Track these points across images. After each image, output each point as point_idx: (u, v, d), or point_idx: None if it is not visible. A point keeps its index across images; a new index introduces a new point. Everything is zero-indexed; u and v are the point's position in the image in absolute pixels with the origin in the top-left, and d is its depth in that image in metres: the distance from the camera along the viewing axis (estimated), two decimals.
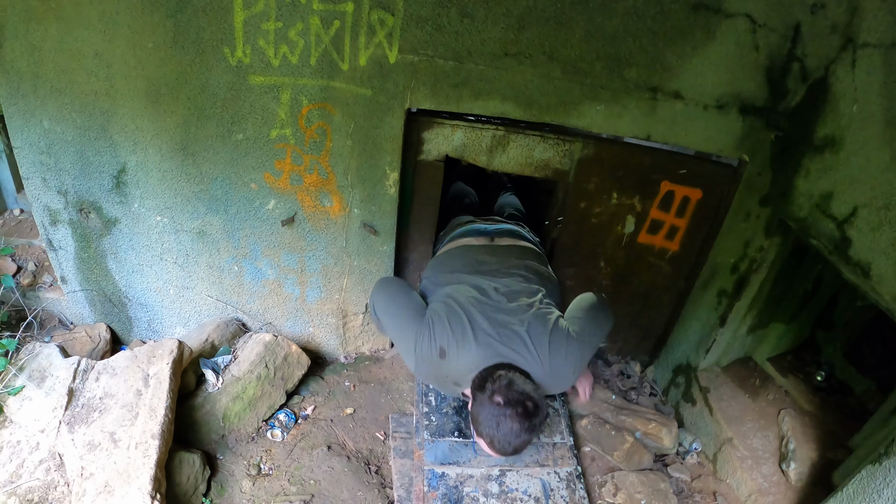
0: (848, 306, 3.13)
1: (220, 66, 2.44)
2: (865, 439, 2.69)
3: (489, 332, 2.23)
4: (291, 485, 2.59)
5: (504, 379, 2.08)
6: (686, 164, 2.99)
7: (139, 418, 2.47)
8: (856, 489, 2.27)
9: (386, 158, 2.73)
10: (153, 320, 3.23)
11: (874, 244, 2.31)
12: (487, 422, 2.06)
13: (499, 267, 2.57)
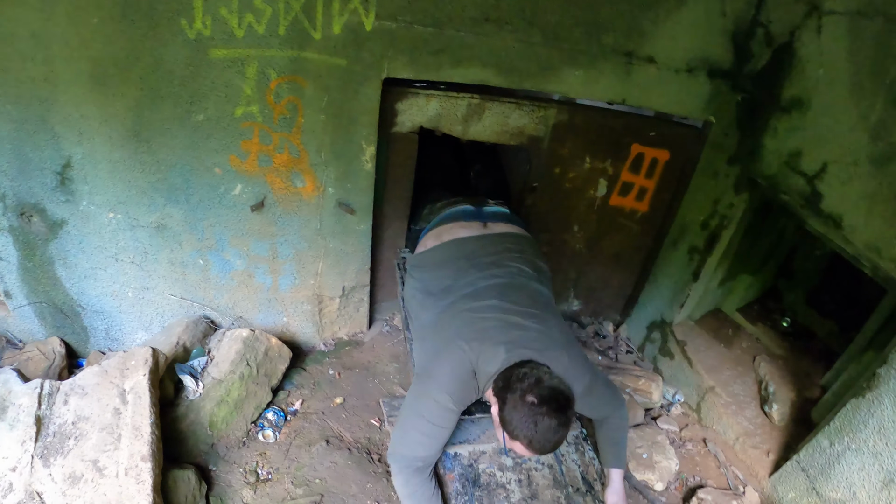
0: (807, 256, 3.32)
1: (176, 40, 2.20)
2: (837, 378, 2.85)
3: (507, 335, 2.11)
4: (296, 487, 2.46)
5: (531, 376, 1.97)
6: (655, 127, 3.05)
7: (123, 440, 2.24)
8: (842, 422, 2.42)
9: (362, 132, 2.59)
10: (111, 328, 2.93)
11: (845, 197, 2.45)
12: (523, 423, 1.92)
13: (497, 259, 2.45)
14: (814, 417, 2.79)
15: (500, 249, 2.51)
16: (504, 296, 2.26)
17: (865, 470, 2.32)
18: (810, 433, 2.61)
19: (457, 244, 2.57)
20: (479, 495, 2.34)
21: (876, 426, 2.31)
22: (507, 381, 1.99)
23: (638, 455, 2.76)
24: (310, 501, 2.42)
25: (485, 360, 2.06)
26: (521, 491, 2.42)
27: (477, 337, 2.10)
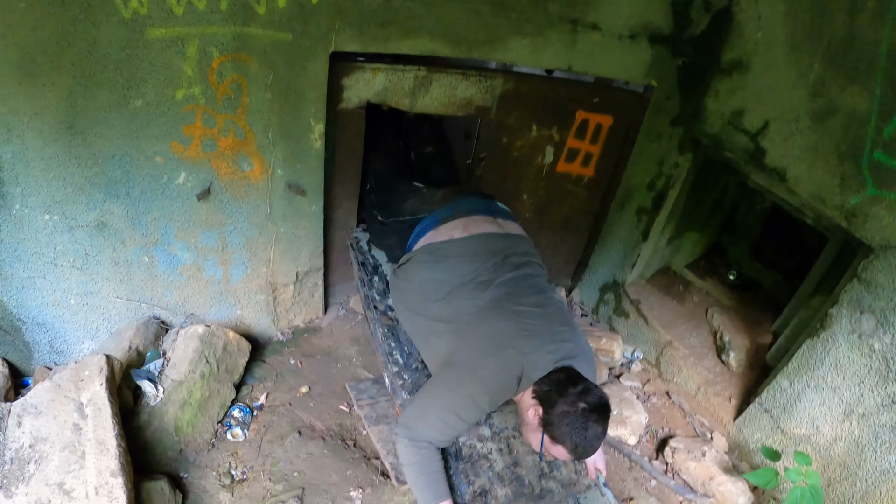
0: (748, 211, 3.48)
1: (110, 22, 2.04)
2: (787, 323, 3.01)
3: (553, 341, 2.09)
4: (275, 483, 2.38)
5: (581, 384, 1.97)
6: (598, 93, 3.10)
7: (88, 457, 2.10)
8: (800, 362, 2.55)
9: (310, 109, 2.50)
10: (55, 340, 2.71)
11: (788, 152, 2.57)
12: (574, 429, 1.93)
13: (522, 260, 2.39)
14: (769, 362, 2.95)
15: (521, 252, 2.45)
16: (539, 301, 2.23)
17: (826, 404, 2.47)
18: (769, 376, 2.76)
19: (486, 239, 2.45)
20: (464, 468, 2.34)
21: (832, 363, 2.46)
22: (557, 386, 1.98)
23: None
24: (292, 496, 2.35)
25: (533, 367, 2.04)
26: (503, 459, 2.43)
27: (530, 342, 2.08)
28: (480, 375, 2.08)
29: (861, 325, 2.36)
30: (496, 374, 2.06)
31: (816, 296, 2.82)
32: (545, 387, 2.00)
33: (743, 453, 2.83)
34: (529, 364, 2.04)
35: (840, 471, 2.46)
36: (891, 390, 2.27)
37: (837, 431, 2.46)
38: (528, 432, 2.09)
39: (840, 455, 2.46)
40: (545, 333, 2.12)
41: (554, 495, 2.34)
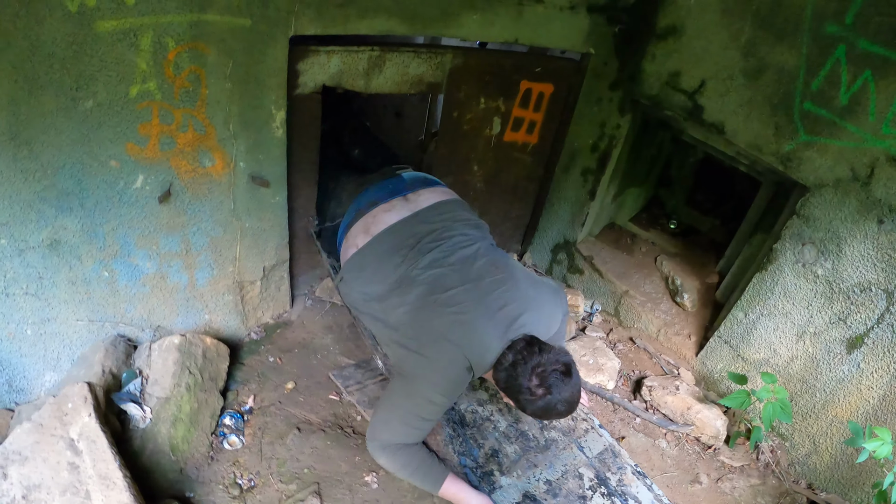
0: (681, 164, 3.69)
1: (55, 16, 1.81)
2: (730, 262, 3.23)
3: (491, 319, 2.06)
4: (287, 484, 2.27)
5: (531, 360, 1.96)
6: (539, 63, 3.16)
7: (94, 496, 1.93)
8: (752, 294, 2.77)
9: (271, 97, 2.36)
10: (14, 378, 2.41)
11: (725, 107, 2.75)
12: (544, 410, 1.97)
13: (438, 235, 2.30)
14: (719, 299, 3.18)
15: (437, 223, 2.36)
16: (466, 274, 2.17)
17: (780, 329, 2.71)
18: (723, 310, 2.98)
19: (390, 233, 2.35)
20: (472, 433, 2.39)
21: (781, 291, 2.69)
22: (511, 375, 1.99)
23: (585, 362, 2.95)
24: (309, 493, 2.25)
25: (478, 355, 2.03)
26: (504, 419, 2.51)
27: (464, 333, 2.05)
28: (430, 378, 2.06)
29: (804, 255, 2.60)
30: (441, 373, 2.06)
31: (756, 234, 3.04)
32: (502, 374, 2.03)
33: (709, 384, 3.05)
34: (473, 353, 2.04)
35: (800, 385, 2.71)
36: (836, 309, 2.53)
37: (793, 351, 2.71)
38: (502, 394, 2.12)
39: (798, 372, 2.71)
40: (479, 313, 2.08)
41: (557, 443, 2.46)
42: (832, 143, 2.45)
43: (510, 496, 2.24)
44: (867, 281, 2.44)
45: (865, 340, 2.46)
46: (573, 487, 2.31)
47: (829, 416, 2.62)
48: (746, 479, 2.65)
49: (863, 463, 2.42)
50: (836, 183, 2.46)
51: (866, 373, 2.48)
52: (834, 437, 2.62)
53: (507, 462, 2.35)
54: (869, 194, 2.39)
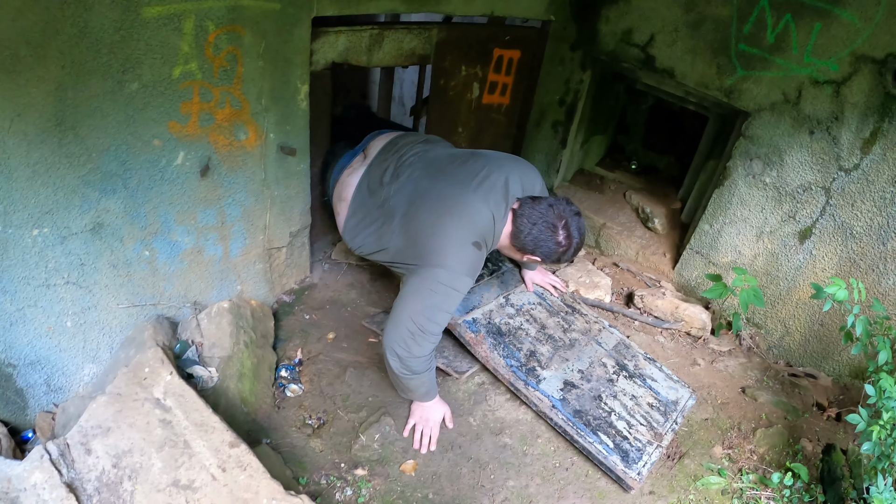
0: (635, 111, 4.07)
1: (103, 3, 1.84)
2: (690, 188, 3.62)
3: (479, 193, 2.23)
4: (357, 413, 2.45)
5: (550, 215, 2.17)
6: (509, 32, 3.41)
7: (194, 444, 1.99)
8: (714, 207, 3.15)
9: (297, 72, 2.47)
10: (52, 376, 2.38)
11: (673, 55, 3.11)
12: (572, 252, 2.21)
13: (398, 163, 2.50)
14: (684, 220, 3.58)
15: (389, 159, 2.55)
16: (433, 174, 2.36)
17: (741, 233, 3.10)
18: (690, 226, 3.36)
19: (358, 192, 2.55)
20: (510, 340, 2.69)
21: (738, 201, 3.07)
22: (536, 240, 2.19)
23: (582, 282, 3.28)
24: (380, 415, 2.44)
25: (478, 228, 2.19)
26: (532, 327, 2.81)
27: (454, 216, 2.18)
28: (447, 267, 2.14)
29: (752, 168, 2.99)
30: (457, 257, 2.16)
31: (709, 161, 3.44)
32: (528, 239, 2.21)
33: (688, 291, 3.42)
34: (474, 228, 2.19)
35: (765, 278, 3.11)
36: (785, 209, 2.94)
37: (755, 250, 3.11)
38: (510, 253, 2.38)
39: (762, 266, 3.11)
40: (458, 193, 2.22)
41: (580, 342, 2.80)
42: (765, 74, 2.85)
43: (554, 384, 2.55)
44: (807, 182, 2.86)
45: (814, 231, 2.89)
46: (601, 374, 2.66)
47: (794, 300, 3.04)
48: (735, 359, 3.06)
49: (829, 337, 2.90)
50: (772, 106, 2.86)
51: (818, 258, 2.91)
52: (801, 319, 3.05)
53: (544, 360, 2.66)
54: (799, 112, 2.80)
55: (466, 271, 2.18)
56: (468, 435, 2.47)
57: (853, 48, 2.60)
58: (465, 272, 2.17)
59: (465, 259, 2.17)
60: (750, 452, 2.57)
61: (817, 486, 2.42)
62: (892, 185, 2.63)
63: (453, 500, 2.24)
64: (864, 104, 2.63)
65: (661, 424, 2.52)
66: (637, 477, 2.30)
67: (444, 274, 2.15)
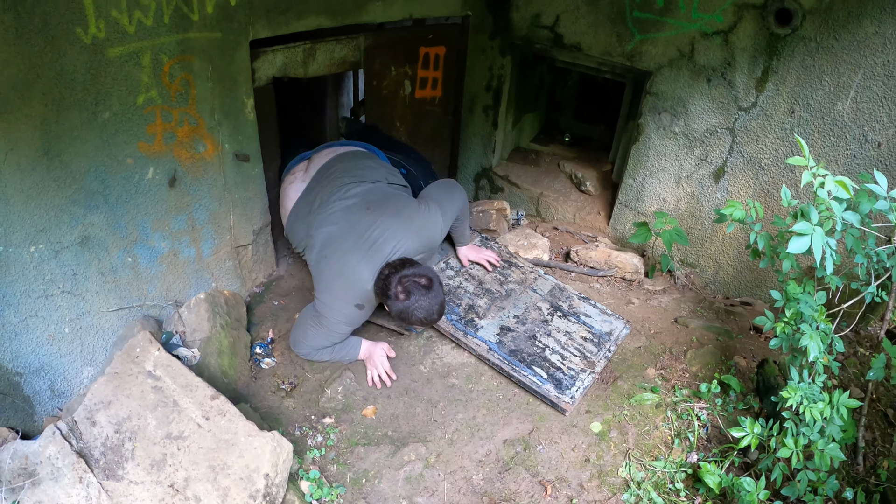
0: (563, 87, 4.78)
1: (74, 49, 2.48)
2: (616, 151, 4.29)
3: (364, 254, 2.94)
4: (321, 373, 3.14)
5: (394, 276, 2.82)
6: (431, 31, 4.12)
7: (182, 401, 2.57)
8: (634, 162, 3.83)
9: (242, 89, 3.15)
10: (55, 381, 2.97)
11: (577, 31, 3.80)
12: (411, 313, 2.80)
13: (328, 195, 3.21)
14: (614, 179, 4.26)
15: (329, 179, 3.30)
16: (345, 224, 3.06)
17: (662, 182, 3.76)
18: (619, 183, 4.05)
19: (295, 208, 3.34)
20: (450, 298, 3.36)
21: (654, 153, 3.74)
22: (381, 291, 2.87)
23: (521, 245, 3.94)
24: (341, 371, 3.12)
25: (360, 293, 2.95)
26: (471, 284, 3.47)
27: (345, 279, 2.95)
28: (332, 314, 3.01)
29: (662, 121, 3.65)
30: (340, 311, 3.00)
31: (630, 121, 4.10)
32: (378, 285, 2.90)
33: (623, 244, 4.09)
34: (358, 290, 2.96)
35: (690, 220, 3.77)
36: (697, 153, 3.61)
37: (677, 195, 3.77)
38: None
39: (685, 209, 3.77)
40: (356, 257, 2.95)
41: (516, 291, 3.45)
42: (660, 35, 3.53)
43: (491, 330, 3.22)
44: (712, 126, 3.52)
45: (726, 169, 3.56)
46: (536, 316, 3.32)
47: (720, 236, 3.70)
48: (669, 296, 3.72)
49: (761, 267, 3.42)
50: (670, 63, 3.54)
51: (734, 193, 3.57)
52: (730, 252, 3.70)
53: (482, 311, 3.33)
54: (695, 64, 3.46)
55: (345, 321, 3.04)
56: (420, 380, 3.14)
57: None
58: (343, 322, 3.04)
59: (345, 314, 3.02)
60: (682, 371, 3.19)
61: (753, 396, 3.00)
62: (790, 115, 3.27)
63: (410, 435, 2.90)
64: (752, 47, 3.29)
65: (595, 354, 3.16)
66: (570, 401, 2.93)
67: (326, 320, 3.01)
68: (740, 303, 3.68)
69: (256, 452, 2.45)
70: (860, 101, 3.07)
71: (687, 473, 2.72)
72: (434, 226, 3.14)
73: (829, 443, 2.34)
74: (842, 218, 2.16)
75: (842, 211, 2.15)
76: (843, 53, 3.04)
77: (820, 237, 2.09)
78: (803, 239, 2.09)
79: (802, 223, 2.11)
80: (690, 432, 2.88)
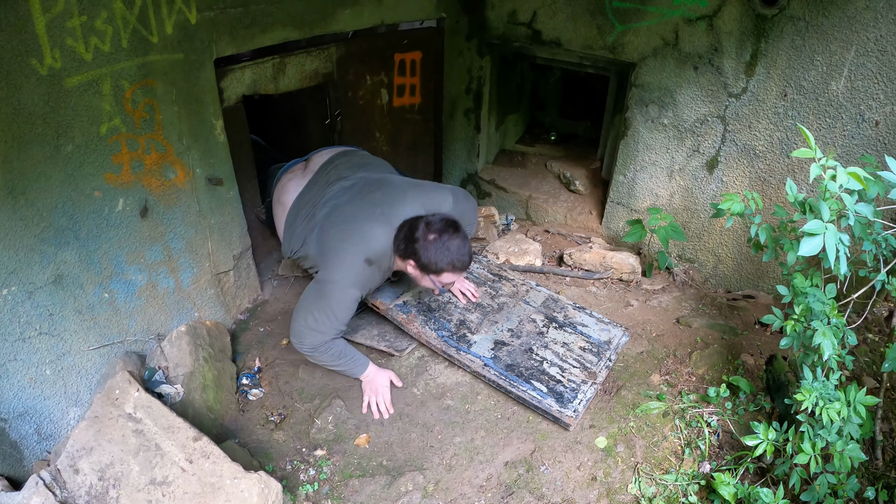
0: (546, 86, 4.75)
1: (30, 81, 2.45)
2: (604, 147, 4.26)
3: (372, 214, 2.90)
4: (311, 402, 3.07)
5: (418, 224, 2.77)
6: (406, 36, 4.09)
7: (164, 444, 2.53)
8: (623, 158, 3.81)
9: (210, 110, 3.11)
10: (42, 425, 2.92)
11: (556, 25, 3.77)
12: (439, 256, 2.72)
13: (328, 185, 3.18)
14: (604, 176, 4.22)
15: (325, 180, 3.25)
16: (350, 198, 3.03)
17: (654, 177, 3.73)
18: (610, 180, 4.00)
19: (294, 206, 3.26)
20: (440, 314, 3.31)
21: (643, 147, 3.71)
22: (405, 241, 2.80)
23: (511, 251, 3.90)
24: (331, 399, 3.06)
25: (371, 248, 2.84)
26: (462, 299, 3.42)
27: (353, 237, 2.86)
28: (336, 280, 2.85)
29: (649, 113, 3.62)
30: (347, 271, 2.85)
31: (617, 115, 4.07)
32: (401, 246, 2.84)
33: (617, 243, 4.05)
34: (367, 248, 2.85)
35: (686, 214, 3.74)
36: (689, 144, 3.57)
37: (670, 189, 3.73)
38: (420, 282, 2.96)
39: (679, 203, 3.74)
40: (362, 218, 2.90)
41: (508, 304, 3.41)
42: (642, 24, 3.49)
43: (485, 345, 3.17)
44: (702, 114, 3.48)
45: (719, 159, 3.52)
46: (531, 329, 3.27)
47: (718, 229, 3.67)
48: (669, 294, 3.67)
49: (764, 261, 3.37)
50: (655, 52, 3.50)
51: (729, 183, 3.54)
52: (729, 245, 3.66)
53: (474, 325, 3.28)
54: (680, 52, 3.43)
55: (353, 283, 2.87)
56: (413, 404, 3.08)
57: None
58: (351, 284, 2.86)
59: (354, 273, 2.87)
60: (688, 375, 3.14)
61: (764, 395, 2.95)
62: (782, 99, 3.24)
63: (406, 463, 2.84)
64: (739, 30, 3.25)
65: (595, 364, 3.10)
66: (573, 415, 2.86)
67: (332, 284, 2.86)
68: (743, 296, 3.63)
69: (244, 496, 2.41)
70: (854, 79, 3.04)
71: (700, 485, 2.66)
72: (444, 202, 3.08)
73: (849, 442, 2.28)
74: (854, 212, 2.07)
75: (853, 203, 2.06)
76: (833, 31, 3.01)
77: (833, 235, 2.00)
78: (815, 239, 1.99)
79: (814, 222, 2.01)
80: (701, 441, 2.81)
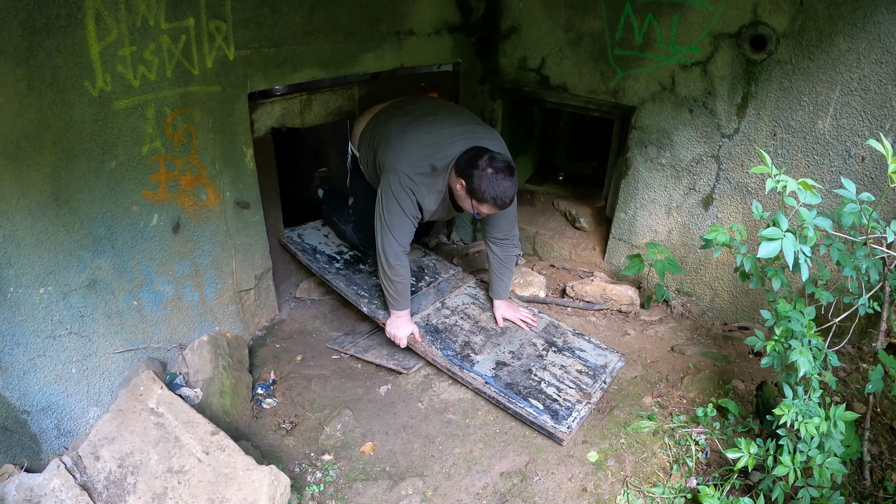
0: (555, 128, 4.94)
1: (82, 101, 2.65)
2: (608, 187, 4.36)
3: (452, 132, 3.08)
4: (321, 412, 3.15)
5: (486, 153, 2.89)
6: (424, 79, 4.31)
7: (183, 437, 2.62)
8: (624, 196, 3.90)
9: (242, 139, 3.31)
10: (62, 421, 3.01)
11: (563, 72, 3.96)
12: (489, 187, 2.83)
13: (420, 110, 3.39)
14: (608, 214, 4.31)
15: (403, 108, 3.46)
16: (419, 126, 3.21)
17: (653, 214, 3.82)
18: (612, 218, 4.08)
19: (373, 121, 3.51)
20: (446, 336, 3.39)
21: (643, 185, 3.82)
22: (467, 163, 2.92)
23: (517, 283, 4.00)
24: (340, 409, 3.13)
25: (442, 157, 3.02)
26: (467, 322, 3.52)
27: (438, 141, 3.07)
28: (393, 189, 3.05)
29: (648, 153, 3.74)
30: (411, 164, 3.05)
31: (619, 156, 4.18)
32: (462, 164, 2.96)
33: (618, 277, 4.11)
34: (444, 155, 3.03)
35: (682, 249, 3.81)
36: (685, 183, 3.68)
37: (668, 225, 3.82)
38: (461, 202, 3.06)
39: (677, 239, 3.82)
40: (442, 137, 3.10)
41: (510, 328, 3.49)
42: (641, 70, 3.66)
43: (487, 365, 3.24)
44: (697, 154, 3.60)
45: (714, 196, 3.62)
46: (531, 352, 3.34)
47: (714, 263, 3.73)
48: (666, 325, 3.71)
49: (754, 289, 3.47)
50: (653, 96, 3.66)
51: (724, 219, 3.61)
52: (725, 279, 3.72)
53: (478, 347, 3.36)
54: (677, 96, 3.58)
55: (411, 171, 3.05)
56: (417, 417, 3.16)
57: (710, 29, 3.39)
58: (409, 182, 3.04)
59: (415, 166, 3.06)
60: (679, 397, 3.16)
61: (753, 418, 2.96)
62: (772, 138, 3.36)
63: (407, 470, 2.90)
64: (731, 75, 3.40)
65: (590, 386, 3.15)
66: (567, 430, 2.90)
67: (393, 176, 3.06)
68: (738, 328, 3.65)
69: (254, 486, 2.47)
70: (840, 117, 3.14)
71: (686, 499, 2.65)
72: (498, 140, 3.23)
73: (830, 457, 2.28)
74: (813, 224, 2.16)
75: (812, 217, 2.16)
76: (818, 72, 3.13)
77: (791, 241, 2.10)
78: (773, 243, 2.10)
79: (772, 229, 2.14)
80: (689, 457, 2.82)
